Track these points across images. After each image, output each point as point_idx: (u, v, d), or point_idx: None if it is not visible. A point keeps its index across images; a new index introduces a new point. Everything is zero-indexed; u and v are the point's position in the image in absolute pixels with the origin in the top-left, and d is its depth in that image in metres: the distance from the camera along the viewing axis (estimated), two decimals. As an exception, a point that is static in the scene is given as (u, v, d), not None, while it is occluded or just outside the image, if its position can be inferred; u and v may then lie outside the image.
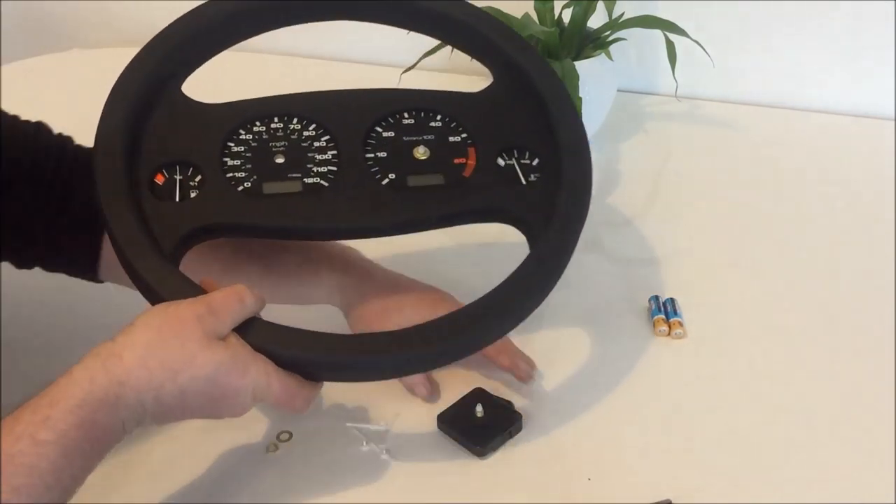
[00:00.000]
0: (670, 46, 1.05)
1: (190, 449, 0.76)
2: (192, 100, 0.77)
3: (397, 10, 0.85)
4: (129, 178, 0.71)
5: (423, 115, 0.81)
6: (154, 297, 0.68)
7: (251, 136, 0.76)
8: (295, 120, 0.78)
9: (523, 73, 0.83)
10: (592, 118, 1.10)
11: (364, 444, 0.77)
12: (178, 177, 0.73)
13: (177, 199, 0.72)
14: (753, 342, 0.86)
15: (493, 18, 0.85)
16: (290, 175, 0.75)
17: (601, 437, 0.77)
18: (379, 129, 0.79)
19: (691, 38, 1.05)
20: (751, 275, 0.95)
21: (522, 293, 0.73)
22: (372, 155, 0.78)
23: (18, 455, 0.56)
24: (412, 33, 1.02)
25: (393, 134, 0.79)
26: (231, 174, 0.74)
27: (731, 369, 0.83)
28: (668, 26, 1.05)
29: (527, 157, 0.81)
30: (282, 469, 0.75)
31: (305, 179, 0.75)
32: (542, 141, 0.81)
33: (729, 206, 1.05)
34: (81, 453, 0.58)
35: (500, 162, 0.80)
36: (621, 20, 1.08)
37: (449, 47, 1.05)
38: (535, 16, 1.08)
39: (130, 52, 0.76)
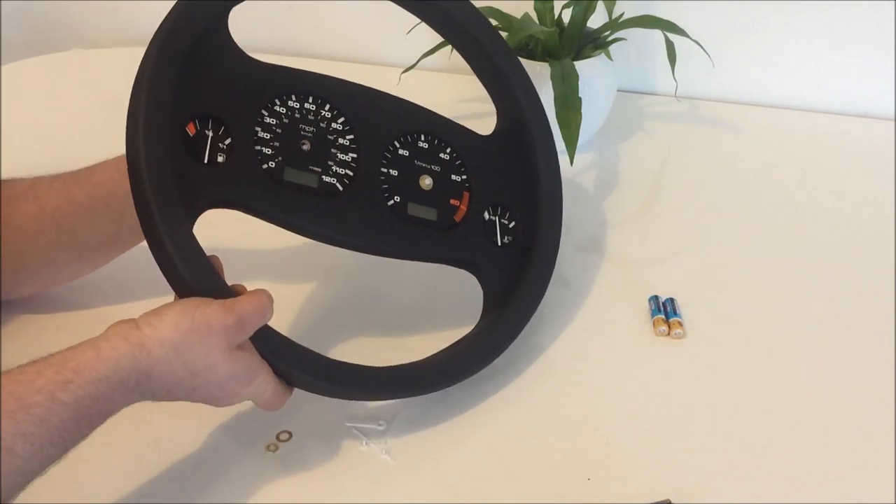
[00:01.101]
0: (670, 46, 1.05)
1: (190, 448, 0.76)
2: (238, 48, 0.76)
3: (456, 33, 0.86)
4: (168, 130, 0.69)
5: (436, 142, 0.83)
6: (182, 288, 0.68)
7: (285, 111, 0.77)
8: (328, 106, 0.78)
9: (527, 132, 0.86)
10: (592, 118, 1.10)
11: (364, 443, 0.77)
12: (209, 132, 0.73)
13: (205, 161, 0.72)
14: (753, 342, 0.86)
15: (526, 75, 0.87)
16: (310, 167, 0.76)
17: (601, 437, 0.77)
18: (397, 145, 0.81)
19: (691, 38, 1.05)
20: (750, 274, 0.95)
21: (450, 370, 0.78)
22: (385, 171, 0.80)
23: (35, 405, 0.59)
24: (411, 34, 1.03)
25: (407, 154, 0.81)
26: (259, 147, 0.75)
27: (731, 369, 0.83)
28: (667, 26, 1.05)
29: (507, 217, 0.84)
30: (282, 469, 0.75)
31: (323, 177, 0.77)
32: (526, 207, 0.85)
33: (728, 205, 1.05)
34: (88, 420, 0.62)
35: (486, 215, 0.84)
36: (621, 20, 1.08)
37: (449, 48, 1.05)
38: (535, 16, 1.08)
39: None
